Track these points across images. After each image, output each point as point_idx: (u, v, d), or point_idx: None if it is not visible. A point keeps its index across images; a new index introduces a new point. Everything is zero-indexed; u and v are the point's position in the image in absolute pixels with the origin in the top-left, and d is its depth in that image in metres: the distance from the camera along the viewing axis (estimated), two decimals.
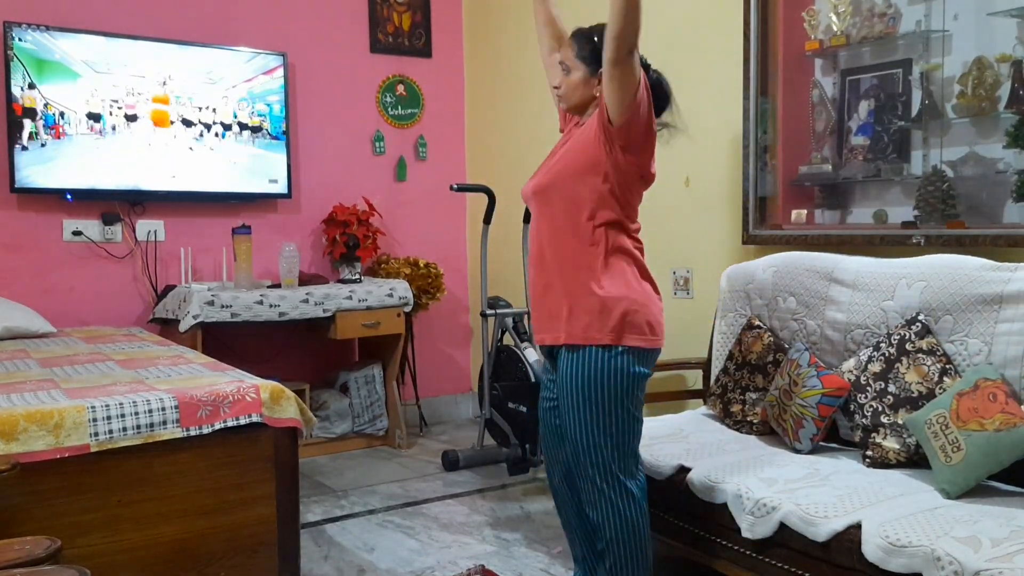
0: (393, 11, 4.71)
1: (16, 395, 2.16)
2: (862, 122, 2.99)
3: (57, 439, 1.97)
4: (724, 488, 2.27)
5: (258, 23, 4.32)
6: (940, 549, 1.77)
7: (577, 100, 2.24)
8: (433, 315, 4.75)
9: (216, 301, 3.68)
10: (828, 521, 2.01)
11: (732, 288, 3.02)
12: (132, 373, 2.50)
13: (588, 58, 2.18)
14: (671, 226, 3.67)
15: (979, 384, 2.14)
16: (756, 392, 2.78)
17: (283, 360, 4.31)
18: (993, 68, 2.61)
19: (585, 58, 2.19)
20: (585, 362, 2.14)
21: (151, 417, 2.09)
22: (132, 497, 2.08)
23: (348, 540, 3.09)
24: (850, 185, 3.06)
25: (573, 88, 2.23)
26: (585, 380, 2.13)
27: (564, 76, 2.24)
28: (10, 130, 3.67)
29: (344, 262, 4.36)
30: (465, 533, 3.13)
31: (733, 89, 3.29)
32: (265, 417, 2.24)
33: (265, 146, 4.26)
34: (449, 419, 4.93)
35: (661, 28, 3.71)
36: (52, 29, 3.74)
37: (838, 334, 2.63)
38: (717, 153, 3.43)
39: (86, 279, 3.95)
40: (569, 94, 2.25)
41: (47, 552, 1.55)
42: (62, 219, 3.89)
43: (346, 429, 4.26)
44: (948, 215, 2.69)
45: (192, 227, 4.18)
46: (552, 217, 2.23)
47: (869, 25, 2.93)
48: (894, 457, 2.32)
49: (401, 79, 4.75)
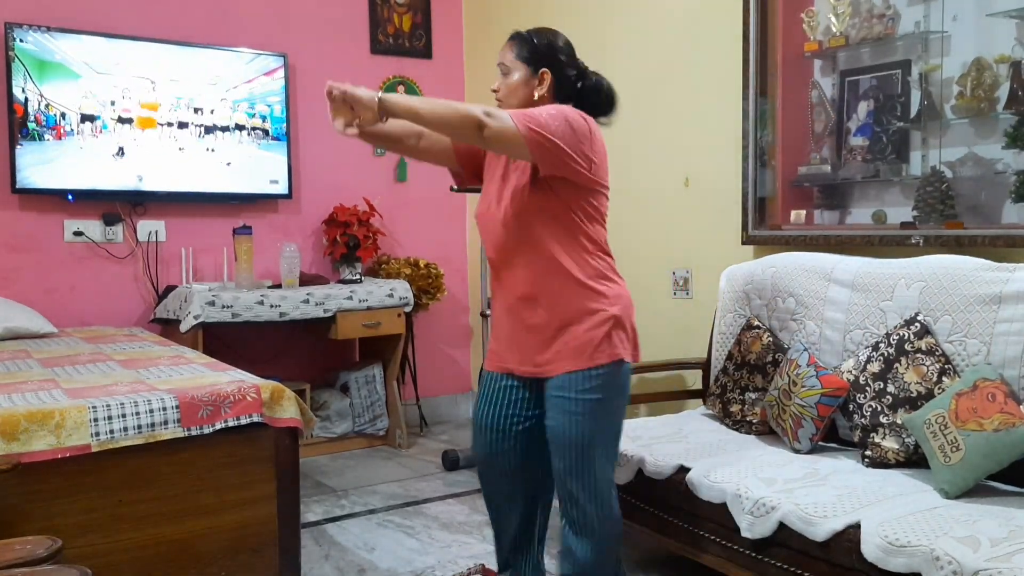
0: (393, 12, 4.72)
1: (17, 395, 2.16)
2: (861, 123, 3.00)
3: (58, 439, 1.97)
4: (723, 488, 2.28)
5: (259, 24, 4.32)
6: (939, 549, 1.77)
7: (518, 102, 2.19)
8: (433, 315, 4.76)
9: (217, 301, 3.68)
10: (827, 521, 2.01)
11: (731, 288, 3.03)
12: (133, 373, 2.50)
13: (528, 58, 2.17)
14: (670, 226, 3.67)
15: (978, 384, 2.14)
16: (755, 392, 2.78)
17: (284, 360, 4.32)
18: (992, 69, 2.61)
19: (525, 59, 2.17)
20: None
21: (152, 417, 2.09)
22: (133, 497, 2.08)
23: (348, 540, 3.09)
24: (849, 186, 3.06)
25: (512, 90, 2.19)
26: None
27: (502, 79, 2.21)
28: (11, 130, 3.68)
29: (345, 262, 4.37)
30: (465, 533, 3.14)
31: (732, 90, 3.29)
32: (266, 417, 2.24)
33: (266, 147, 4.27)
34: (449, 419, 4.94)
35: (661, 29, 3.72)
36: (53, 30, 3.74)
37: (837, 334, 2.63)
38: (717, 153, 3.44)
39: (87, 279, 3.95)
40: (508, 96, 2.20)
41: (48, 552, 1.55)
42: (63, 219, 3.90)
43: (346, 429, 4.27)
44: (947, 215, 2.69)
45: (193, 227, 4.18)
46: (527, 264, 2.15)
47: (868, 26, 2.93)
48: (893, 457, 2.32)
49: (401, 80, 4.76)
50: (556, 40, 2.21)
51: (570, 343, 2.11)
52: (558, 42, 2.21)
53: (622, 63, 3.89)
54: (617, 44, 3.90)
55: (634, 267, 3.84)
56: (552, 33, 2.23)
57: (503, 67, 2.21)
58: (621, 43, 3.89)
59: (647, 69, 3.77)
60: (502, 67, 2.21)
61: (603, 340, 2.10)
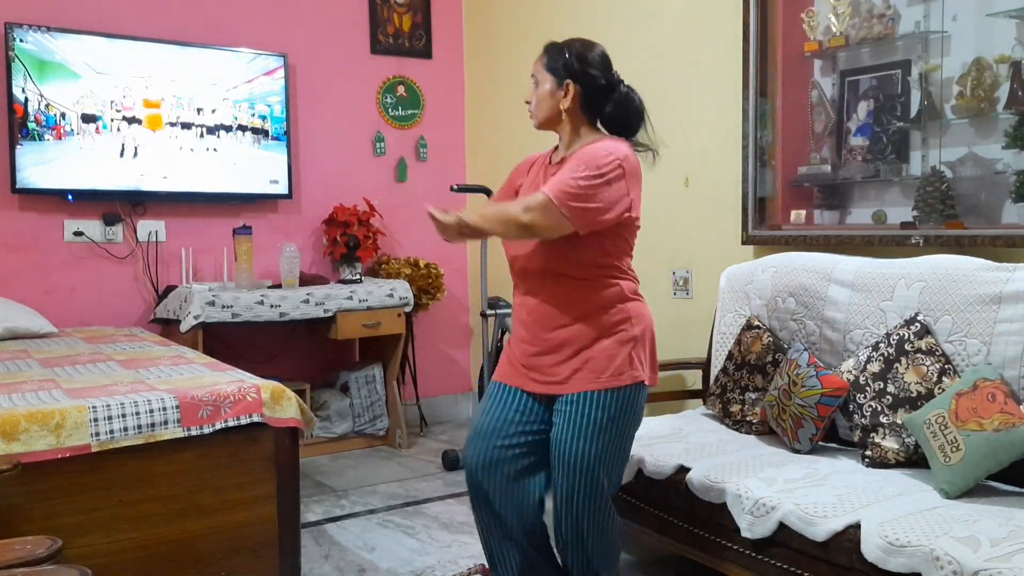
0: (393, 12, 4.72)
1: (17, 395, 2.16)
2: (861, 123, 3.00)
3: (58, 439, 1.97)
4: (723, 488, 2.27)
5: (259, 24, 4.32)
6: (939, 549, 1.77)
7: (544, 114, 2.19)
8: (433, 315, 4.76)
9: (217, 301, 3.68)
10: (827, 521, 2.01)
11: (731, 288, 3.03)
12: (133, 373, 2.50)
13: (557, 70, 2.15)
14: (671, 226, 3.67)
15: (978, 384, 2.14)
16: (755, 392, 2.78)
17: (284, 360, 4.32)
18: (992, 69, 2.61)
19: (554, 69, 2.16)
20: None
21: (152, 417, 2.09)
22: (133, 497, 2.08)
23: (348, 540, 3.09)
24: (849, 186, 3.06)
25: (541, 100, 2.19)
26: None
27: (534, 89, 2.20)
28: (11, 130, 3.68)
29: (345, 262, 4.37)
30: (465, 533, 3.14)
31: (732, 90, 3.29)
32: (266, 417, 2.24)
33: (266, 147, 4.27)
34: (449, 419, 4.94)
35: (661, 29, 3.72)
36: (53, 30, 3.74)
37: (837, 334, 2.63)
38: (717, 153, 3.44)
39: (87, 279, 3.95)
40: (537, 107, 2.20)
41: (48, 552, 1.55)
42: (63, 219, 3.90)
43: (346, 429, 4.27)
44: (947, 215, 2.69)
45: (193, 227, 4.18)
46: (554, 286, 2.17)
47: (868, 26, 2.93)
48: (893, 457, 2.32)
49: (401, 80, 4.76)
50: (588, 52, 2.17)
51: (590, 361, 2.10)
52: (590, 54, 2.17)
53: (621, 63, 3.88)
54: (617, 44, 3.87)
55: (634, 267, 3.85)
56: (586, 44, 2.20)
57: (534, 78, 2.20)
58: (621, 43, 3.88)
59: (647, 69, 3.76)
60: (533, 79, 2.20)
61: (624, 361, 2.11)
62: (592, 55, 2.17)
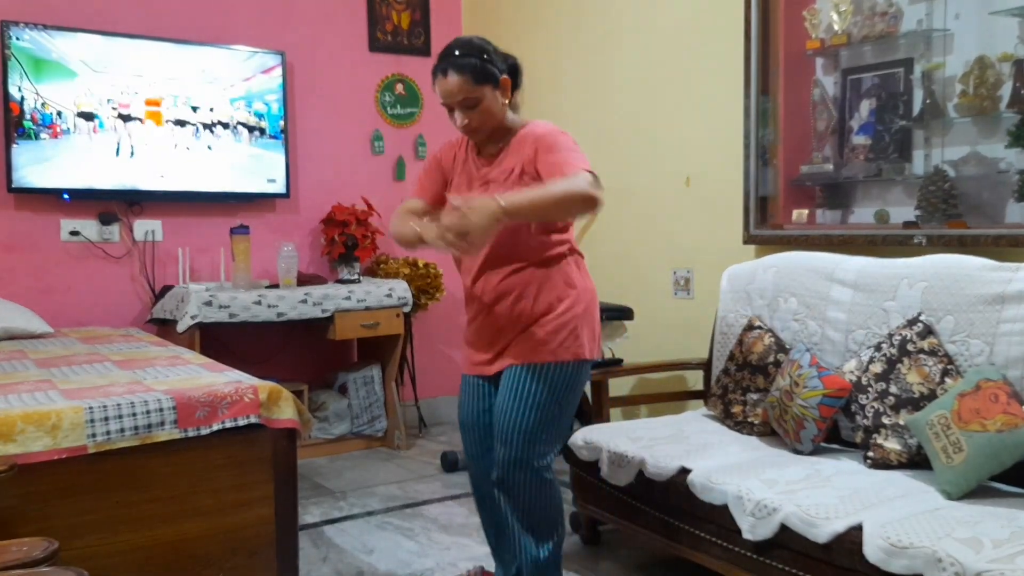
0: (392, 9, 4.70)
1: (13, 396, 2.15)
2: (863, 121, 2.98)
3: (54, 440, 1.96)
4: (725, 489, 2.26)
5: (256, 22, 4.30)
6: (941, 550, 1.76)
7: (496, 121, 2.19)
8: (432, 315, 4.74)
9: (214, 301, 3.67)
10: (829, 522, 2.00)
11: (733, 288, 3.01)
12: (130, 374, 2.48)
13: (488, 75, 2.13)
14: (671, 226, 3.66)
15: (981, 385, 2.13)
16: (757, 393, 2.77)
17: (281, 361, 4.30)
18: (995, 67, 2.60)
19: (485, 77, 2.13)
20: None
21: (149, 418, 2.07)
22: (130, 498, 2.07)
23: (347, 542, 3.07)
24: (851, 185, 3.05)
25: (487, 112, 2.15)
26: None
27: (470, 111, 2.15)
28: (7, 129, 3.66)
29: (343, 262, 4.35)
30: (464, 535, 3.12)
31: (734, 88, 3.28)
32: (263, 418, 2.22)
33: (263, 145, 4.25)
34: (448, 420, 4.92)
35: (662, 27, 3.71)
36: (49, 28, 3.72)
37: (839, 335, 2.62)
38: (718, 152, 3.43)
39: (83, 279, 3.94)
40: (485, 121, 2.17)
41: (45, 553, 1.53)
42: (59, 219, 3.88)
43: (345, 430, 4.25)
44: (950, 215, 2.68)
45: (190, 227, 4.17)
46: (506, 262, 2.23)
47: (870, 24, 2.92)
48: (895, 458, 2.31)
49: (400, 78, 4.74)
50: (484, 44, 2.18)
51: (536, 335, 2.18)
52: (486, 45, 2.18)
53: (623, 62, 3.89)
54: (618, 43, 3.89)
55: (635, 267, 3.84)
56: (472, 40, 2.19)
57: (467, 102, 2.14)
58: (622, 42, 3.88)
59: (648, 68, 3.76)
60: (465, 103, 2.14)
61: (568, 336, 2.18)
62: (485, 45, 2.19)
